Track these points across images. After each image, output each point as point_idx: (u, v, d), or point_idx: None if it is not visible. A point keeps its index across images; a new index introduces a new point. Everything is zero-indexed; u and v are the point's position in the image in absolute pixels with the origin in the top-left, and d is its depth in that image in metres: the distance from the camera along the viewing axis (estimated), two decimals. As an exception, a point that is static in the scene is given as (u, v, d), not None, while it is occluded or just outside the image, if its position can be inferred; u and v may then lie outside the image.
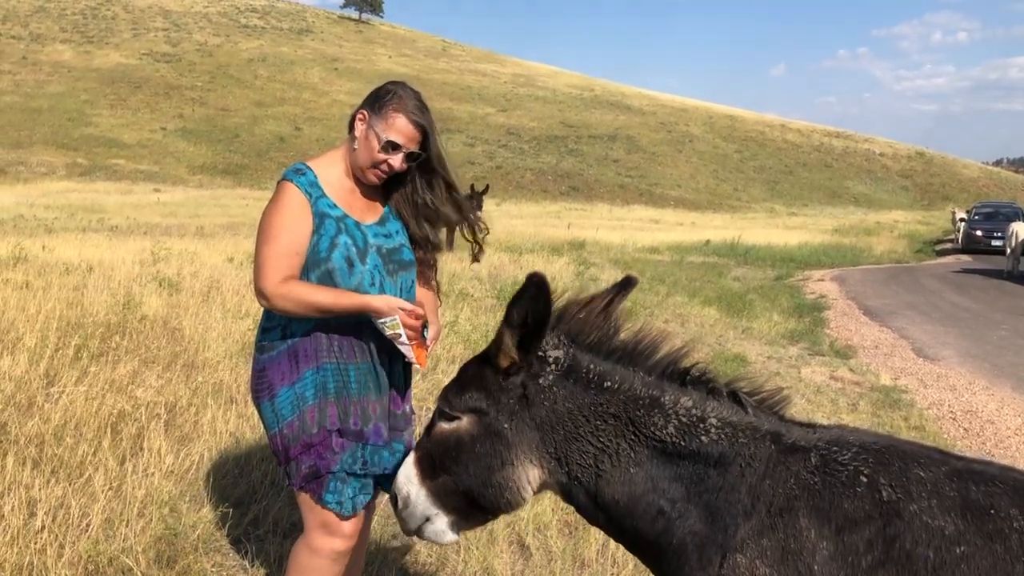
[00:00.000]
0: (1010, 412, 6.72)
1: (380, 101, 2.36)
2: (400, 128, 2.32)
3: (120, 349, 5.71)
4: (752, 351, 8.55)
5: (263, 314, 2.42)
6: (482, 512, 1.84)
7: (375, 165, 2.35)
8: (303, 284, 2.28)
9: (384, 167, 2.35)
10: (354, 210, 2.39)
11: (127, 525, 3.31)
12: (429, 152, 2.40)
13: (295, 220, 2.29)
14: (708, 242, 23.41)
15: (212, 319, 6.88)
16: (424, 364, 2.36)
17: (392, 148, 2.32)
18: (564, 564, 3.41)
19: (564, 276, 12.30)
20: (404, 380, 2.48)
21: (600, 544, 3.52)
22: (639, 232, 26.90)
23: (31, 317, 6.10)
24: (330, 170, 2.40)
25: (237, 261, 10.81)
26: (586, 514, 1.81)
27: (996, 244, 24.20)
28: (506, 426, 1.75)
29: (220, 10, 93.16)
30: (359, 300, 2.25)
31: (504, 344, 1.73)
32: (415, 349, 2.29)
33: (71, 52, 69.21)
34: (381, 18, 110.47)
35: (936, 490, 1.52)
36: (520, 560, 3.47)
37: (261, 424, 2.51)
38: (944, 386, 7.58)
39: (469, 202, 2.60)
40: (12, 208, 23.05)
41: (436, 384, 5.35)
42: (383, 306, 2.23)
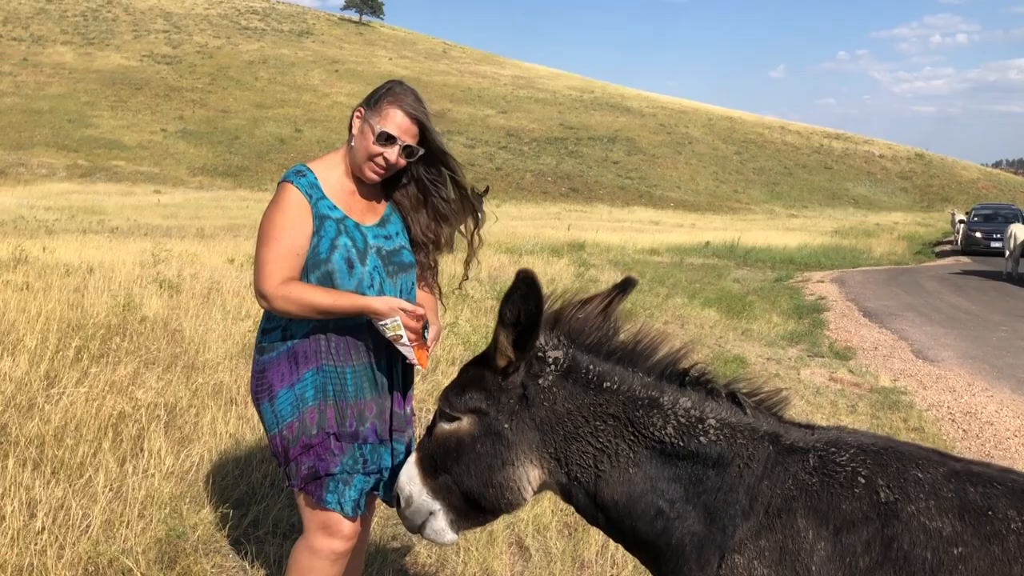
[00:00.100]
0: (1009, 413, 6.72)
1: (376, 96, 2.36)
2: (395, 120, 2.31)
3: (120, 350, 5.72)
4: (752, 352, 8.55)
5: (263, 315, 2.43)
6: (483, 512, 1.84)
7: (371, 158, 2.34)
8: (304, 285, 2.28)
9: (380, 160, 2.33)
10: (354, 211, 2.39)
11: (127, 526, 3.32)
12: (430, 147, 2.40)
13: (295, 221, 2.29)
14: (708, 244, 23.40)
15: (212, 320, 6.88)
16: (425, 365, 2.36)
17: (387, 140, 2.31)
18: (564, 565, 3.41)
19: (564, 277, 12.31)
20: (405, 381, 2.48)
21: (600, 545, 3.52)
22: (639, 233, 26.92)
23: (31, 318, 6.11)
24: (330, 172, 2.40)
25: (237, 262, 10.82)
26: (586, 514, 1.81)
27: (995, 246, 24.21)
28: (506, 426, 1.75)
29: (221, 12, 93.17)
30: (360, 301, 2.25)
31: (500, 344, 1.73)
32: (416, 350, 2.29)
33: (72, 54, 69.18)
34: (382, 20, 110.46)
35: (934, 491, 1.53)
36: (520, 561, 3.47)
37: (261, 425, 2.51)
38: (943, 387, 7.57)
39: (478, 198, 2.56)
40: (13, 209, 23.06)
41: (436, 385, 5.36)
42: (383, 307, 2.23)
